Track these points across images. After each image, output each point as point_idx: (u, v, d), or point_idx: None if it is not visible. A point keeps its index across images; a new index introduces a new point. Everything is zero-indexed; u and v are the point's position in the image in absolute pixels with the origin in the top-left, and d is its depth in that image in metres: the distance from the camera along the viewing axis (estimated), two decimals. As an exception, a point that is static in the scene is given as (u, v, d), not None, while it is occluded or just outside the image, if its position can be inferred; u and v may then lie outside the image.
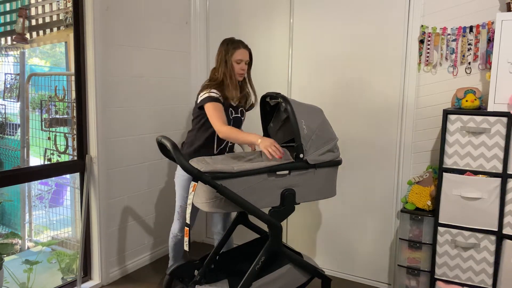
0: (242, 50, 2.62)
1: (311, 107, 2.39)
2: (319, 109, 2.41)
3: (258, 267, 2.26)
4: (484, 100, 2.59)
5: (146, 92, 3.31)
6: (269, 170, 2.20)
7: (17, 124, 3.53)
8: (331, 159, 2.36)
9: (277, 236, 2.30)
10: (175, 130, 3.61)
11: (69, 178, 3.54)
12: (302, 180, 2.29)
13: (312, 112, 2.36)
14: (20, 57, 3.45)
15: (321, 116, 2.38)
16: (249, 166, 2.18)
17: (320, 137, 2.30)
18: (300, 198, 2.31)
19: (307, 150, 2.25)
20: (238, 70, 2.61)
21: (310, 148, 2.26)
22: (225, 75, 2.59)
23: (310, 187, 2.33)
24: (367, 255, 3.18)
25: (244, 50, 2.64)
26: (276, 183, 2.23)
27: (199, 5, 3.68)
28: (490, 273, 2.51)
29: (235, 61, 2.60)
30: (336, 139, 2.39)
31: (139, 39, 3.20)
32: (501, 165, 2.43)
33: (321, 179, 2.36)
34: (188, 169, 2.09)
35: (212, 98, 2.51)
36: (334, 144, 2.37)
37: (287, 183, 2.26)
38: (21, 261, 3.13)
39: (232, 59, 2.59)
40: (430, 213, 2.70)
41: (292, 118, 2.23)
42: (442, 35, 2.77)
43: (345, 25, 3.09)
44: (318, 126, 2.30)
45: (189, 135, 2.73)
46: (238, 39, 2.68)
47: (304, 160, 2.25)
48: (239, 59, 2.60)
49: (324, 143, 2.32)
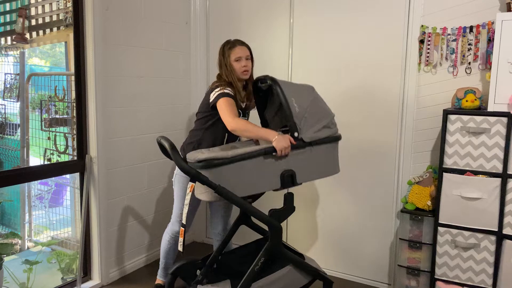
0: (239, 48, 2.58)
1: (301, 85, 2.34)
2: (310, 86, 2.35)
3: (257, 268, 2.25)
4: (484, 100, 2.59)
5: (146, 92, 3.30)
6: (265, 152, 2.16)
7: (17, 124, 3.53)
8: (328, 135, 2.30)
9: (277, 236, 2.28)
10: (175, 130, 3.61)
11: (69, 178, 3.54)
12: (300, 160, 2.24)
13: (302, 90, 2.31)
14: (20, 57, 3.45)
15: (312, 93, 2.32)
16: (242, 151, 2.13)
17: (313, 114, 2.25)
18: (300, 179, 2.25)
19: (301, 128, 2.20)
20: (240, 68, 2.57)
21: (304, 126, 2.21)
22: (231, 77, 2.56)
23: (310, 166, 2.27)
24: (367, 255, 3.18)
25: (241, 46, 2.60)
26: (274, 165, 2.18)
27: (199, 5, 3.68)
28: (490, 273, 2.51)
29: (234, 61, 2.57)
30: (331, 115, 2.34)
31: (139, 39, 3.20)
32: (501, 165, 2.43)
33: (321, 157, 2.30)
34: (186, 169, 2.09)
35: (226, 94, 2.46)
36: (330, 120, 2.31)
37: (286, 164, 2.20)
38: (21, 261, 3.13)
39: (230, 60, 2.56)
40: (430, 213, 2.70)
41: (282, 98, 2.18)
42: (442, 35, 2.77)
43: (345, 25, 3.09)
44: (310, 104, 2.25)
45: (194, 133, 2.66)
46: (234, 39, 2.65)
47: (299, 138, 2.20)
48: (237, 57, 2.56)
49: (319, 120, 2.27)
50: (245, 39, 2.71)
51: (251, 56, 2.65)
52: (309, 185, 3.33)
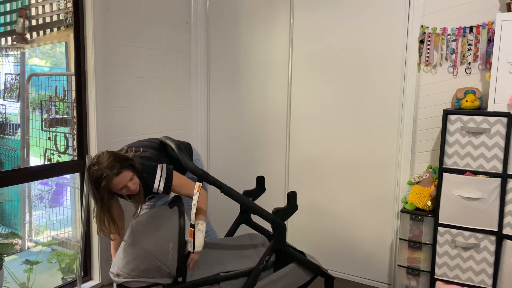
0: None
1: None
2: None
3: (262, 266, 2.26)
4: (484, 100, 2.59)
5: (146, 92, 3.31)
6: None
7: (17, 124, 3.53)
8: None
9: (281, 235, 2.30)
10: (175, 130, 3.61)
11: (69, 178, 3.54)
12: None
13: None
14: (20, 57, 3.46)
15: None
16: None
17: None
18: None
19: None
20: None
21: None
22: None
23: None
24: (367, 255, 3.18)
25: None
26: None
27: (199, 5, 3.68)
28: (490, 273, 2.51)
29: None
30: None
31: (139, 39, 3.20)
32: (501, 165, 2.43)
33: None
34: (192, 169, 2.10)
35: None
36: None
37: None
38: (21, 261, 3.13)
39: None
40: (430, 213, 2.70)
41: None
42: (442, 35, 2.77)
43: (345, 25, 3.09)
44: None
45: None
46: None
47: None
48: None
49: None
50: (245, 39, 2.72)
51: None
52: (309, 185, 3.33)
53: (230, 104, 3.65)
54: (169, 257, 2.08)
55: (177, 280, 2.11)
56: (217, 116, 3.74)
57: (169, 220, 2.18)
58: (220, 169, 3.74)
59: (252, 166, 3.58)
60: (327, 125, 3.23)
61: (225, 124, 3.71)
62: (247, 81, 3.54)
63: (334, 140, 3.21)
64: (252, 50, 3.48)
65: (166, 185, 2.25)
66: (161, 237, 2.12)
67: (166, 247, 2.09)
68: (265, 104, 3.48)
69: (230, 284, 2.22)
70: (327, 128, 3.23)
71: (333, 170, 3.24)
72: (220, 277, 2.20)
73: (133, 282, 2.08)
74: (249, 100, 3.55)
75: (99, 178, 2.08)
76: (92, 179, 2.11)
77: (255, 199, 2.61)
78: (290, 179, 3.43)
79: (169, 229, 2.14)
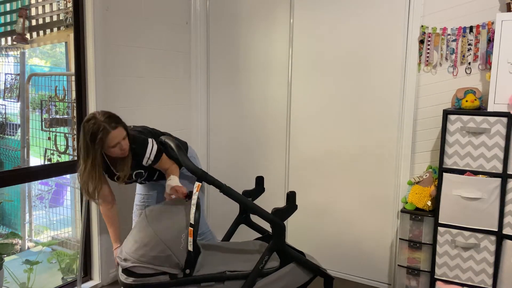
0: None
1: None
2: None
3: (261, 266, 2.26)
4: (484, 100, 2.59)
5: (146, 92, 3.31)
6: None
7: (17, 124, 3.53)
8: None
9: (280, 235, 2.30)
10: (175, 130, 3.61)
11: (69, 178, 3.55)
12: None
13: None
14: (20, 57, 3.46)
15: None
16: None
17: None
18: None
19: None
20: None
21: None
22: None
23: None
24: (367, 255, 3.18)
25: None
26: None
27: (199, 5, 3.68)
28: (490, 273, 2.51)
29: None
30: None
31: (139, 39, 3.20)
32: (501, 165, 2.43)
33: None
34: (192, 169, 2.10)
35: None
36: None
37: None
38: (21, 261, 3.13)
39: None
40: (430, 213, 2.70)
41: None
42: (442, 35, 2.77)
43: (345, 25, 3.09)
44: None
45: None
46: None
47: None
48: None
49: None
50: (245, 39, 2.72)
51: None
52: (309, 185, 3.33)
53: (230, 104, 3.65)
54: (180, 248, 2.08)
55: (185, 271, 2.10)
56: (217, 116, 3.74)
57: (184, 211, 2.19)
58: (220, 169, 3.74)
59: (252, 166, 3.59)
60: (327, 124, 3.23)
61: (225, 124, 3.71)
62: (247, 81, 3.54)
63: (334, 140, 3.21)
64: (252, 50, 3.48)
65: (157, 155, 2.33)
66: (175, 227, 2.13)
67: (179, 237, 2.09)
68: (265, 104, 3.48)
69: (235, 284, 2.22)
70: (327, 128, 3.23)
71: (333, 170, 3.24)
72: (226, 275, 2.20)
73: (141, 267, 2.06)
74: (249, 100, 3.55)
75: (96, 131, 2.10)
76: (88, 133, 2.12)
77: (254, 199, 2.61)
78: (290, 179, 3.43)
79: (183, 220, 2.14)
